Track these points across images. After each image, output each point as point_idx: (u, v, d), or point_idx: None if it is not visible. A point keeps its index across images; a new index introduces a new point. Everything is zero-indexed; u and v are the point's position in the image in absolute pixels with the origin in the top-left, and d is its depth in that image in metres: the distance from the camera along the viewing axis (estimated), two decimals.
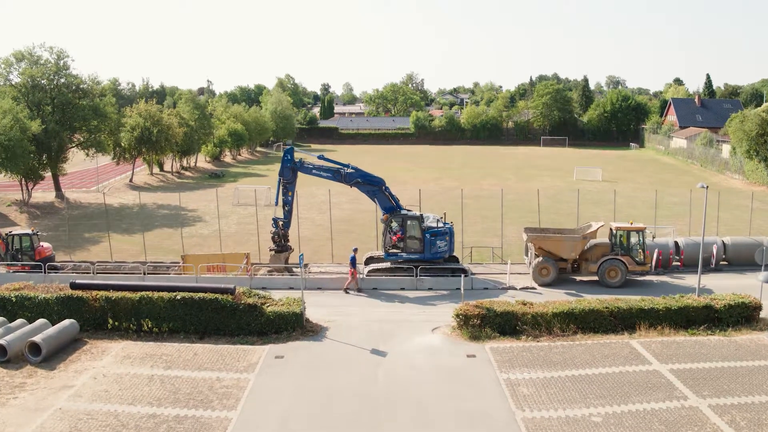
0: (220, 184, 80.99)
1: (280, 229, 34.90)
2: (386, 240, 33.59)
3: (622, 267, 32.49)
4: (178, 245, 47.19)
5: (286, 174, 34.12)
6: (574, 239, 32.82)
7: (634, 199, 67.32)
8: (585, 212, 59.60)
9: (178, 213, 60.10)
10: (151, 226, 54.44)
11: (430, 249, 33.01)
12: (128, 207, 63.63)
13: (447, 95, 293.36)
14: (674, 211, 60.39)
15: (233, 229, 53.56)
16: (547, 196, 70.27)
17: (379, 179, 34.15)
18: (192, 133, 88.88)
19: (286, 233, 35.32)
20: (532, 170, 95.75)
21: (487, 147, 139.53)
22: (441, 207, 63.47)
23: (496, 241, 48.53)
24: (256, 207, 57.89)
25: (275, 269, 35.02)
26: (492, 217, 58.20)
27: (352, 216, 59.75)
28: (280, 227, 34.95)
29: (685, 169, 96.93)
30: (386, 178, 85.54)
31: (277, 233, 34.96)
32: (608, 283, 32.72)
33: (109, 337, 25.48)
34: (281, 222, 35.05)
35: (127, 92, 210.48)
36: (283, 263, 34.92)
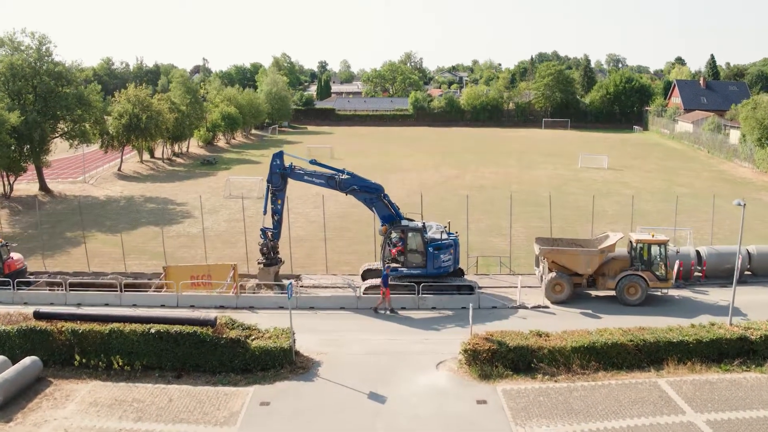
0: (212, 173, 78.11)
1: (269, 240, 32.09)
2: (385, 253, 30.80)
3: (643, 284, 29.82)
4: (163, 247, 44.44)
5: (275, 181, 31.23)
6: (590, 253, 30.08)
7: (642, 192, 64.50)
8: (593, 208, 56.80)
9: (166, 208, 57.31)
10: (137, 223, 51.64)
11: (434, 263, 30.23)
12: (114, 200, 60.74)
13: (446, 73, 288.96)
14: (685, 206, 57.57)
15: (222, 227, 50.76)
16: (553, 186, 67.53)
17: (377, 186, 31.29)
18: (183, 118, 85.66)
19: (276, 245, 32.53)
20: (535, 156, 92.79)
21: (488, 129, 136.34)
22: (442, 199, 60.87)
23: (502, 242, 45.89)
24: (243, 205, 54.97)
25: (264, 285, 32.30)
26: (496, 212, 55.51)
27: (348, 211, 56.84)
28: (269, 238, 32.14)
29: (691, 155, 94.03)
30: (384, 165, 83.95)
31: (266, 245, 32.15)
32: (627, 301, 30.07)
33: (77, 376, 22.78)
34: (270, 233, 32.23)
35: (121, 72, 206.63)
36: (272, 278, 32.17)
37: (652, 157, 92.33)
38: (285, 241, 40.22)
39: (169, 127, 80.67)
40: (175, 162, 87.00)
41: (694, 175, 75.70)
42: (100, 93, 65.81)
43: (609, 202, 59.49)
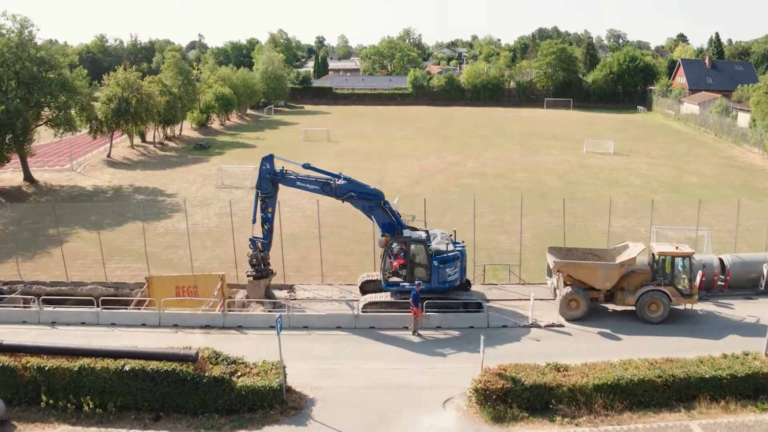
0: (204, 158, 75.48)
1: (259, 251, 29.62)
2: (385, 266, 28.36)
3: (665, 300, 27.46)
4: (150, 245, 42.01)
5: (265, 187, 28.66)
6: (609, 268, 27.67)
7: (651, 181, 62.08)
8: (601, 199, 54.35)
9: (155, 200, 54.79)
10: (123, 218, 49.14)
11: (439, 278, 27.79)
12: (102, 191, 58.16)
13: (444, 49, 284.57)
14: (696, 196, 55.07)
15: (213, 223, 48.27)
16: (558, 174, 65.09)
17: (376, 192, 28.75)
18: (175, 101, 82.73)
19: (266, 256, 30.05)
20: (538, 139, 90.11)
21: (489, 109, 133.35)
22: (443, 191, 58.35)
23: (508, 240, 43.59)
24: (234, 198, 52.64)
25: (254, 299, 29.90)
26: (500, 205, 53.04)
27: (345, 204, 54.15)
28: (259, 249, 29.66)
29: (698, 139, 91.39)
30: (383, 150, 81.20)
31: (255, 256, 29.67)
32: (648, 319, 27.74)
33: (43, 419, 20.46)
34: (260, 243, 29.74)
35: (115, 49, 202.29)
36: (262, 292, 29.75)
37: (659, 140, 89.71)
38: (278, 240, 38.01)
39: (161, 111, 77.85)
40: (167, 146, 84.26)
41: (703, 161, 73.18)
42: (86, 78, 62.88)
43: (618, 193, 57.02)
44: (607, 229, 46.03)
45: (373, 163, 70.89)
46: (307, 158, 75.39)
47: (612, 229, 45.60)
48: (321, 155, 76.12)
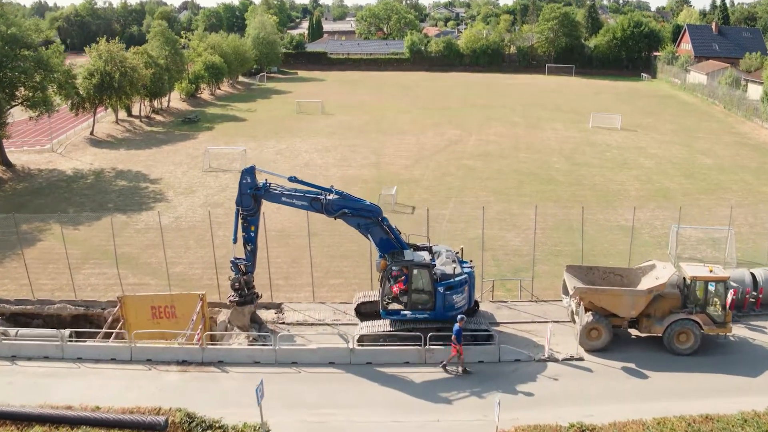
0: (193, 134, 71.88)
1: (242, 274, 26.50)
2: (383, 291, 25.33)
3: (697, 330, 24.59)
4: (129, 245, 39.10)
5: (246, 203, 25.37)
6: (635, 294, 24.71)
7: (662, 162, 58.85)
8: (611, 185, 51.34)
9: (138, 186, 51.48)
10: (103, 209, 45.91)
11: (444, 306, 24.79)
12: (82, 175, 54.73)
13: (442, 9, 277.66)
14: (712, 182, 52.12)
15: (198, 215, 45.04)
16: (564, 154, 61.80)
17: (373, 208, 25.54)
18: (162, 73, 78.70)
19: (250, 279, 26.92)
20: (541, 111, 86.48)
21: (488, 75, 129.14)
22: (444, 174, 55.01)
23: (516, 237, 40.58)
24: (219, 189, 49.30)
25: (238, 327, 26.92)
26: (506, 192, 49.94)
27: (342, 188, 50.80)
28: (242, 271, 26.53)
29: (707, 111, 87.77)
30: (379, 124, 77.46)
31: (238, 280, 26.55)
32: (677, 350, 24.93)
33: None
34: (243, 265, 26.58)
35: (104, 12, 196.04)
36: (247, 319, 26.72)
37: (666, 113, 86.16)
38: (266, 239, 35.08)
39: (147, 84, 73.93)
40: (154, 120, 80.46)
41: (714, 138, 69.79)
42: (64, 54, 58.93)
43: (628, 177, 53.89)
44: (619, 223, 43.16)
45: (369, 141, 67.44)
46: (300, 134, 72.84)
47: (626, 223, 42.74)
48: (314, 131, 72.71)
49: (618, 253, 38.06)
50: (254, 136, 70.26)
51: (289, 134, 71.41)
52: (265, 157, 60.74)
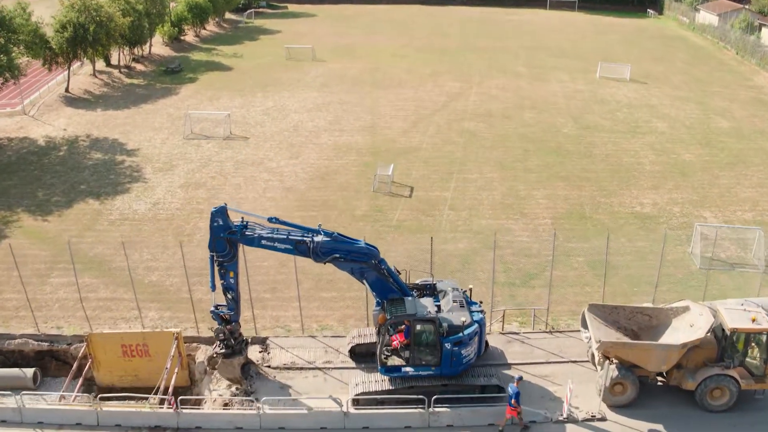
0: (175, 88, 67.28)
1: (226, 323, 23.16)
2: (382, 344, 22.27)
3: (734, 387, 21.75)
4: (102, 243, 35.84)
5: (220, 248, 21.71)
6: (668, 349, 21.69)
7: (676, 125, 55.06)
8: (624, 157, 47.70)
9: (113, 161, 47.67)
10: (75, 192, 42.38)
11: (451, 362, 21.81)
12: (55, 145, 50.68)
13: None
14: (731, 153, 48.56)
15: (177, 199, 41.54)
16: (572, 115, 57.91)
17: (368, 251, 21.97)
18: (141, 19, 73.16)
19: (236, 328, 23.57)
20: (546, 56, 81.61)
21: (487, 10, 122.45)
22: (445, 142, 51.07)
23: (524, 230, 37.35)
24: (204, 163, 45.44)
25: (229, 379, 23.86)
26: (512, 166, 46.59)
27: (334, 163, 47.35)
28: (226, 321, 23.17)
29: (719, 58, 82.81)
30: (374, 74, 72.73)
31: (222, 331, 23.24)
32: (709, 407, 22.19)
33: None
34: (226, 315, 23.17)
35: None
36: (238, 371, 23.59)
37: (677, 60, 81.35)
38: None
39: (125, 33, 68.66)
40: (135, 70, 75.42)
41: (729, 93, 65.53)
42: (29, 12, 53.82)
43: (642, 145, 50.24)
44: (635, 209, 39.97)
45: (363, 97, 63.08)
46: (289, 86, 68.08)
47: (642, 209, 39.66)
48: (304, 83, 68.24)
49: (635, 251, 35.04)
50: (240, 90, 65.82)
51: (278, 87, 66.94)
52: (252, 119, 56.77)
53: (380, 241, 36.28)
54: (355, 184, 43.79)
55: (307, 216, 39.14)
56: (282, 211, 39.93)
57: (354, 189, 43.17)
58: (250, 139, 52.17)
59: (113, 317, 29.39)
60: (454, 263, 34.11)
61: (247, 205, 40.67)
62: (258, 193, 42.55)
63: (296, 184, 43.83)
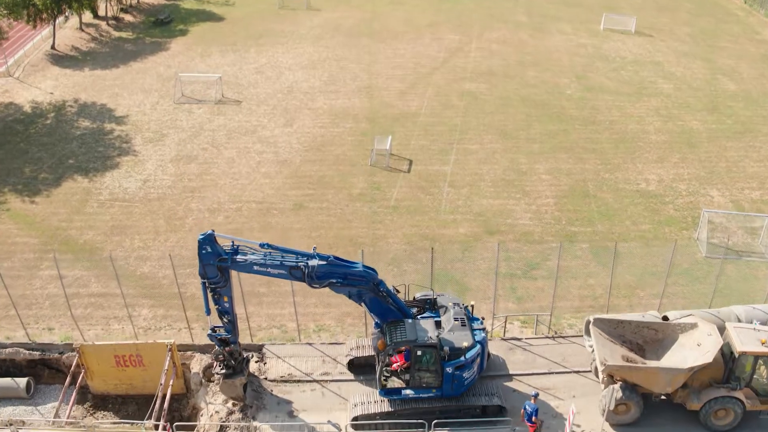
0: (165, 43, 64.85)
1: (225, 345, 22.34)
2: (381, 367, 21.68)
3: (738, 408, 21.30)
4: (92, 228, 34.99)
5: (211, 274, 20.65)
6: (675, 373, 21.12)
7: (682, 87, 53.29)
8: (629, 124, 46.25)
9: (102, 130, 46.16)
10: (63, 168, 41.15)
11: (452, 384, 21.29)
12: (42, 111, 48.99)
13: None
14: (738, 120, 47.17)
15: (169, 174, 40.39)
16: (576, 73, 56.22)
17: (365, 274, 20.91)
18: None
19: (235, 350, 22.73)
20: (546, 2, 78.29)
21: None
22: (444, 107, 49.57)
23: (526, 213, 36.47)
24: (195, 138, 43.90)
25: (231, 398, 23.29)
26: (513, 134, 45.66)
27: (329, 132, 45.89)
28: (225, 342, 22.33)
29: (725, 8, 79.46)
30: (371, 25, 70.60)
31: (221, 353, 22.49)
32: (714, 427, 21.84)
33: None
34: (225, 338, 22.29)
35: None
36: (240, 390, 22.96)
37: (682, 10, 78.17)
38: (243, 214, 31.13)
39: None
40: (123, 22, 72.55)
41: (736, 50, 63.13)
42: None
43: (647, 110, 48.71)
44: (640, 186, 38.96)
45: (360, 51, 60.91)
46: (283, 39, 65.59)
47: (647, 186, 38.67)
48: (299, 36, 65.75)
49: (640, 235, 34.25)
50: (233, 44, 63.49)
51: (271, 40, 64.55)
52: (244, 78, 54.89)
53: (378, 225, 35.64)
54: (352, 157, 42.54)
55: (303, 195, 38.22)
56: (276, 189, 38.95)
57: (350, 162, 41.96)
58: (243, 102, 50.50)
59: (105, 316, 28.70)
60: (454, 251, 33.31)
61: (242, 181, 39.66)
62: (251, 168, 41.32)
63: (291, 157, 42.55)
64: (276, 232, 34.71)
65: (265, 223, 35.66)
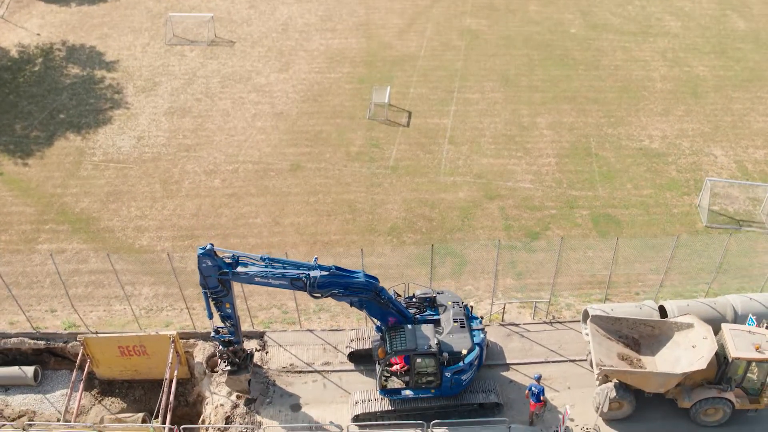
0: None
1: (228, 345, 22.52)
2: (381, 370, 22.05)
3: (728, 408, 21.84)
4: (87, 195, 34.64)
5: (213, 285, 20.53)
6: (668, 377, 21.46)
7: (690, 24, 51.27)
8: (634, 71, 45.04)
9: (92, 78, 44.83)
10: (54, 124, 40.26)
11: (451, 385, 21.75)
12: (29, 57, 47.45)
13: None
14: (746, 66, 45.91)
15: (163, 129, 39.57)
16: (580, 8, 54.13)
17: (367, 284, 20.73)
18: None
19: (238, 348, 22.91)
20: None
21: None
22: (443, 43, 48.51)
23: (526, 172, 36.10)
24: None
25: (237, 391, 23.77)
26: (515, 81, 44.45)
27: (326, 78, 44.69)
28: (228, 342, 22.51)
29: None
30: None
31: (225, 352, 22.74)
32: (703, 423, 22.44)
33: None
34: (229, 339, 22.42)
35: None
36: (245, 384, 23.38)
37: None
38: (238, 176, 31.18)
39: None
40: None
41: None
42: None
43: (653, 52, 47.25)
44: (644, 144, 38.44)
45: None
46: None
47: (650, 144, 38.21)
48: None
49: (641, 203, 34.05)
50: None
51: None
52: (237, 14, 52.86)
53: (377, 188, 35.29)
54: (350, 108, 41.65)
55: (300, 154, 37.66)
56: (273, 147, 38.34)
57: (348, 115, 41.12)
58: (237, 44, 48.90)
59: (106, 296, 28.85)
60: (453, 218, 33.17)
61: (237, 137, 38.96)
62: (247, 122, 40.53)
63: (287, 109, 41.66)
64: (273, 198, 34.51)
65: (263, 186, 35.29)
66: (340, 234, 32.36)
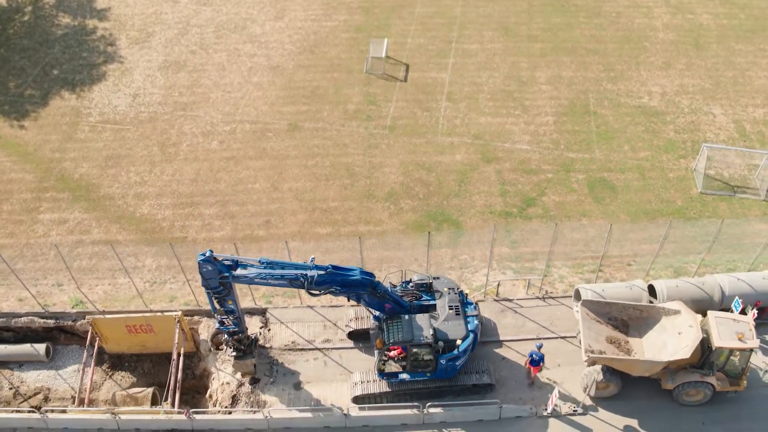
0: None
1: (233, 335, 23.27)
2: (378, 366, 23.01)
3: (709, 390, 22.89)
4: (86, 160, 34.78)
5: (214, 286, 20.99)
6: (654, 364, 22.36)
7: None
8: (636, 18, 44.15)
9: (84, 29, 43.94)
10: (48, 80, 39.77)
11: (446, 369, 22.72)
12: (18, 6, 46.09)
13: None
14: (752, 14, 44.96)
15: (159, 86, 39.23)
16: None
17: (364, 281, 21.18)
18: None
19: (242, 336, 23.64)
20: None
21: None
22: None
23: (525, 130, 36.18)
24: None
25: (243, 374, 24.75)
26: (515, 29, 43.83)
27: (322, 27, 43.86)
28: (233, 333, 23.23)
29: None
30: None
31: (229, 341, 23.52)
32: (685, 403, 23.53)
33: None
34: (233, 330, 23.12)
35: None
36: (251, 366, 24.24)
37: None
38: (237, 137, 31.46)
39: None
40: None
41: None
42: None
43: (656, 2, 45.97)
44: (642, 101, 38.29)
45: None
46: None
47: (649, 101, 38.09)
48: None
49: (637, 166, 34.26)
50: None
51: None
52: None
53: (375, 150, 35.42)
54: (347, 61, 41.16)
55: (297, 113, 37.50)
56: (270, 105, 38.14)
57: (346, 69, 40.68)
58: None
59: (110, 268, 29.37)
60: (450, 182, 33.42)
61: (234, 94, 38.69)
62: (243, 77, 40.14)
63: (283, 62, 41.15)
64: (272, 161, 34.66)
65: (261, 149, 35.38)
66: (338, 200, 32.67)
